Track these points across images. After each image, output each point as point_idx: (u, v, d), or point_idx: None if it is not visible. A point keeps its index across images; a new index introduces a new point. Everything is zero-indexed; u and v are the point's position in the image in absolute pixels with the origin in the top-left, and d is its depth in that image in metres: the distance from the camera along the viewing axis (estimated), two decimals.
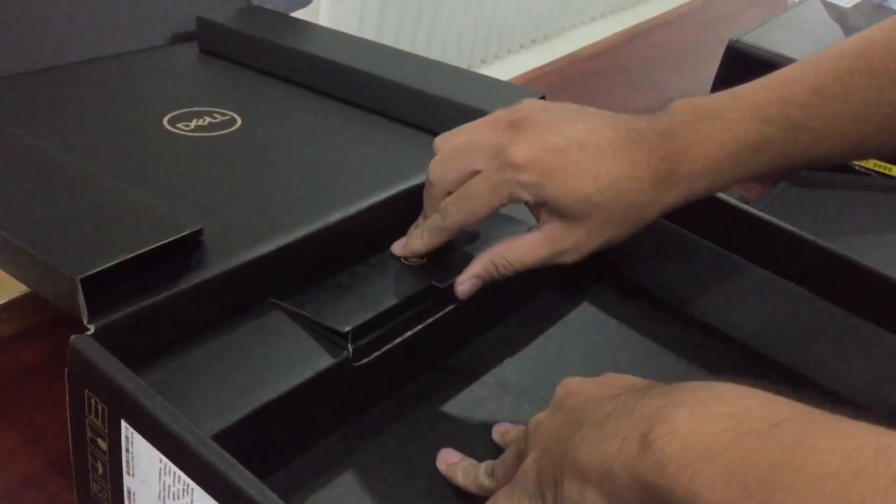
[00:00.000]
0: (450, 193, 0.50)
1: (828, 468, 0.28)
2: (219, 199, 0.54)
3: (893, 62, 0.50)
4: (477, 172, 0.49)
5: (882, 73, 0.50)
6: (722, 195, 0.61)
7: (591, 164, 0.47)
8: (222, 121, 0.64)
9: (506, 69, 2.16)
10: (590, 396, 0.40)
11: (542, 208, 0.49)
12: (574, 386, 0.42)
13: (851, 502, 0.27)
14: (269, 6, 0.86)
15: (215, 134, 0.62)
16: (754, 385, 0.34)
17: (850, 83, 0.50)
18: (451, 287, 0.51)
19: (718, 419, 0.32)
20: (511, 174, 0.47)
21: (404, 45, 1.90)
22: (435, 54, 2.02)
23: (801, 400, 0.33)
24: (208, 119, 0.63)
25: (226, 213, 0.52)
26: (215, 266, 0.46)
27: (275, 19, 0.81)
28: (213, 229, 0.48)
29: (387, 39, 1.86)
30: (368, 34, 1.80)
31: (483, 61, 2.20)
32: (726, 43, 0.97)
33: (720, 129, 0.49)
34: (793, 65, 0.52)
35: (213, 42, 0.78)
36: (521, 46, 2.30)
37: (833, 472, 0.28)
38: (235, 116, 0.64)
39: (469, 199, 0.49)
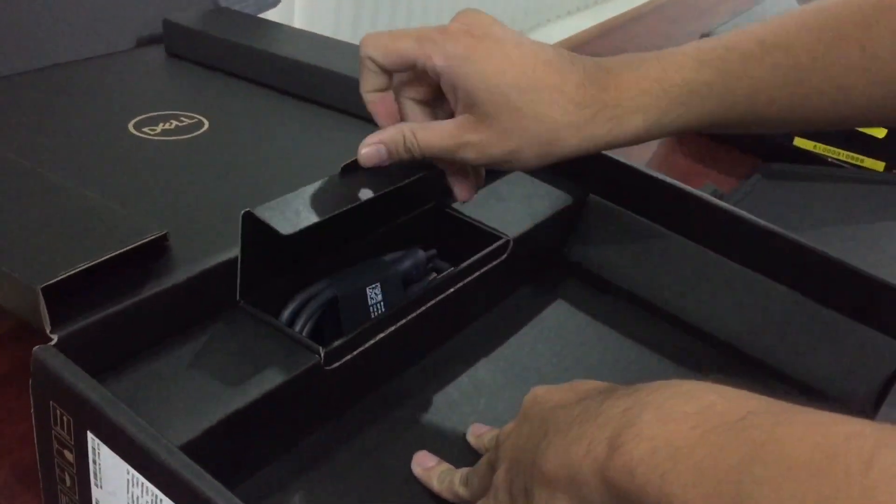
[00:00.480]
0: (378, 66, 0.48)
1: (798, 459, 0.28)
2: (185, 204, 0.53)
3: (840, 18, 0.48)
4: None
5: (831, 27, 0.48)
6: (694, 189, 0.61)
7: (519, 59, 0.46)
8: (189, 124, 0.63)
9: None
10: (555, 403, 0.39)
11: (457, 95, 0.47)
12: (540, 394, 0.41)
13: (825, 492, 0.27)
14: (237, 7, 0.85)
15: (182, 138, 0.61)
16: (721, 381, 0.34)
17: (796, 35, 0.49)
18: (425, 291, 0.51)
19: (684, 418, 0.32)
20: (439, 37, 0.46)
21: None
22: None
23: (766, 393, 0.32)
24: (175, 123, 0.63)
25: (193, 218, 0.51)
26: (182, 272, 0.45)
27: (242, 21, 0.80)
28: (180, 234, 0.47)
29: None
30: (344, 34, 1.78)
31: None
32: (698, 36, 0.97)
33: (657, 67, 0.48)
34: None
35: (179, 45, 0.77)
36: None
37: (804, 463, 0.28)
38: (203, 119, 0.64)
39: (392, 41, 0.47)
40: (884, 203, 0.82)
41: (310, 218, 0.45)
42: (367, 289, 0.51)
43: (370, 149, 0.48)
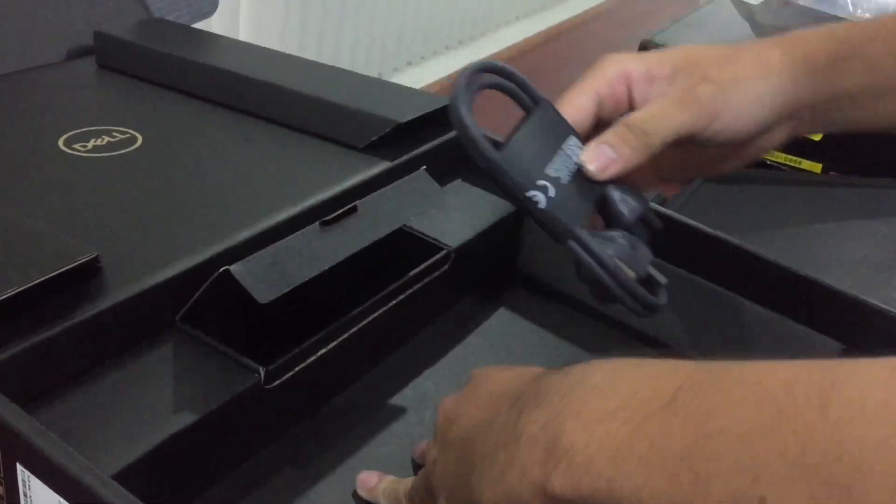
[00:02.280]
0: None
1: (747, 423, 0.27)
2: (118, 223, 0.51)
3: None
4: None
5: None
6: None
7: None
8: (122, 140, 0.61)
9: (431, 71, 2.16)
10: (468, 424, 0.38)
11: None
12: (450, 411, 0.40)
13: (789, 445, 0.26)
14: (171, 17, 0.83)
15: (114, 154, 0.59)
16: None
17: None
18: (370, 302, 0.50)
19: (609, 416, 0.31)
20: None
21: (328, 49, 1.87)
22: (360, 58, 2.00)
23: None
24: (107, 138, 0.61)
25: (126, 238, 0.50)
26: (114, 294, 0.44)
27: (177, 32, 0.79)
28: (112, 255, 0.46)
29: (310, 46, 1.83)
30: (291, 44, 1.76)
31: (409, 63, 2.19)
32: (639, 42, 0.98)
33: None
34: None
35: (111, 57, 0.75)
36: (447, 48, 2.29)
37: (755, 426, 0.27)
38: (136, 134, 0.62)
39: None
40: (821, 204, 0.83)
41: (288, 283, 0.44)
42: None
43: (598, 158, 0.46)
